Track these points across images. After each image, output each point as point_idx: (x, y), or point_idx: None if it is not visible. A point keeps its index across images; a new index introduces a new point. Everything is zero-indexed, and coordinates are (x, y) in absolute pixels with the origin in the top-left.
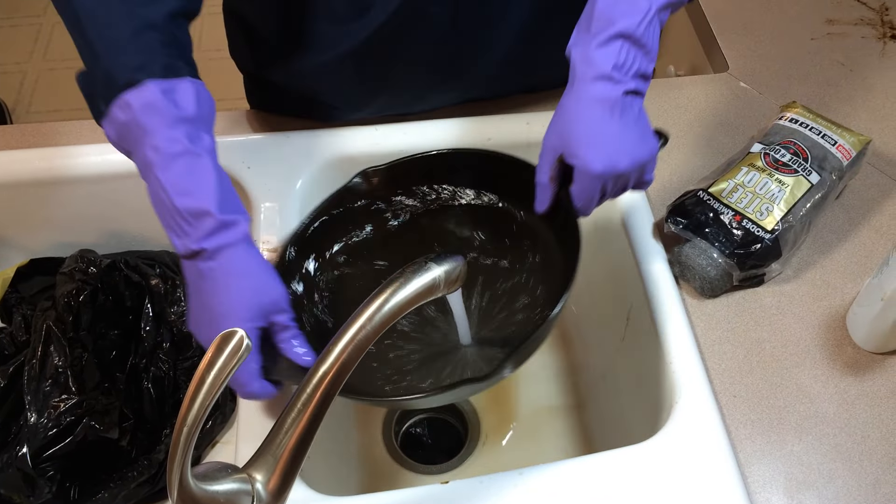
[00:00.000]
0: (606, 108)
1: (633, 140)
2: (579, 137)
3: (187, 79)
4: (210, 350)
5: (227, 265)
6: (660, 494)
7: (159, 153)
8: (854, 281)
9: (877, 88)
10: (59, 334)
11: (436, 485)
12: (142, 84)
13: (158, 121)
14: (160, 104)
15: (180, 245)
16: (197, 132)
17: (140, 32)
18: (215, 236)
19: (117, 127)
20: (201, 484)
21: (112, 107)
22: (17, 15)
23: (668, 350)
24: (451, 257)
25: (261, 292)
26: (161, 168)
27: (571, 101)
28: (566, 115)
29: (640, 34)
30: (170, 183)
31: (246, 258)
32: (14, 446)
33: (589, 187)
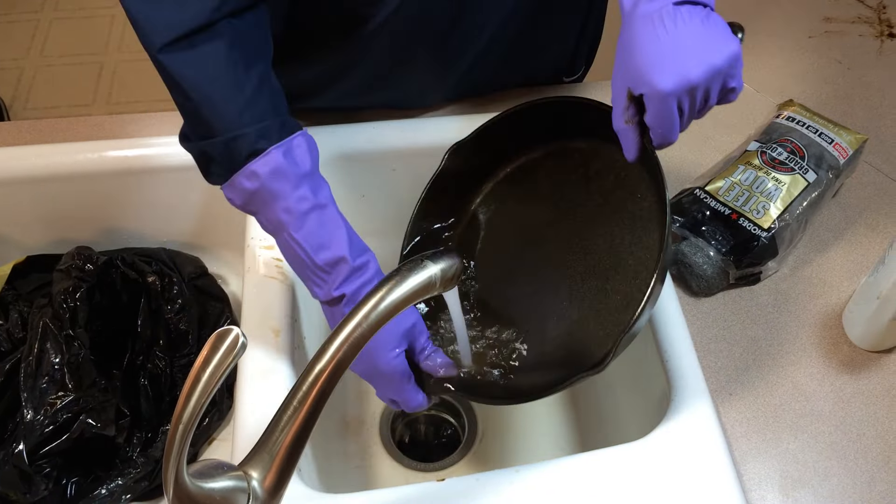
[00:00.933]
0: (658, 21)
1: (700, 46)
2: (639, 61)
3: (300, 134)
4: (205, 348)
5: None
6: (655, 492)
7: (291, 214)
8: (850, 279)
9: (874, 87)
10: (56, 331)
11: (432, 482)
12: (266, 152)
13: (285, 184)
14: (285, 168)
15: (322, 293)
16: (317, 184)
17: (252, 99)
18: (353, 280)
19: (244, 194)
20: (197, 481)
21: (237, 177)
22: (14, 11)
23: (664, 348)
24: (447, 255)
25: (400, 322)
26: (295, 228)
27: (625, 30)
28: (623, 47)
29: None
30: (305, 240)
31: None
32: (10, 443)
33: (663, 111)
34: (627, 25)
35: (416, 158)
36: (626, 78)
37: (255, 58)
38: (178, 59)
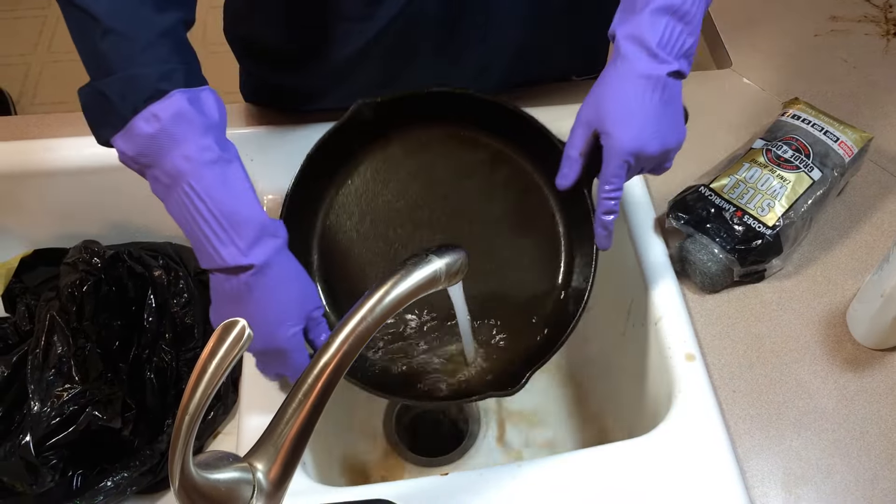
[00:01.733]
0: (648, 87)
1: (668, 124)
2: (616, 114)
3: (207, 88)
4: (212, 340)
5: (277, 276)
6: (659, 488)
7: (192, 162)
8: (854, 277)
9: (879, 85)
10: (63, 324)
11: (436, 476)
12: (169, 95)
13: (189, 129)
14: (189, 114)
15: (220, 258)
16: (223, 139)
17: (157, 41)
18: (262, 246)
19: (138, 140)
20: (203, 472)
21: (135, 120)
22: (21, 6)
23: (669, 345)
24: (452, 250)
25: (303, 296)
26: (196, 177)
27: (613, 76)
28: (606, 91)
29: (686, 8)
30: (207, 191)
31: (290, 265)
32: (17, 435)
33: (617, 166)
34: (619, 74)
35: None
36: (597, 118)
37: (169, 4)
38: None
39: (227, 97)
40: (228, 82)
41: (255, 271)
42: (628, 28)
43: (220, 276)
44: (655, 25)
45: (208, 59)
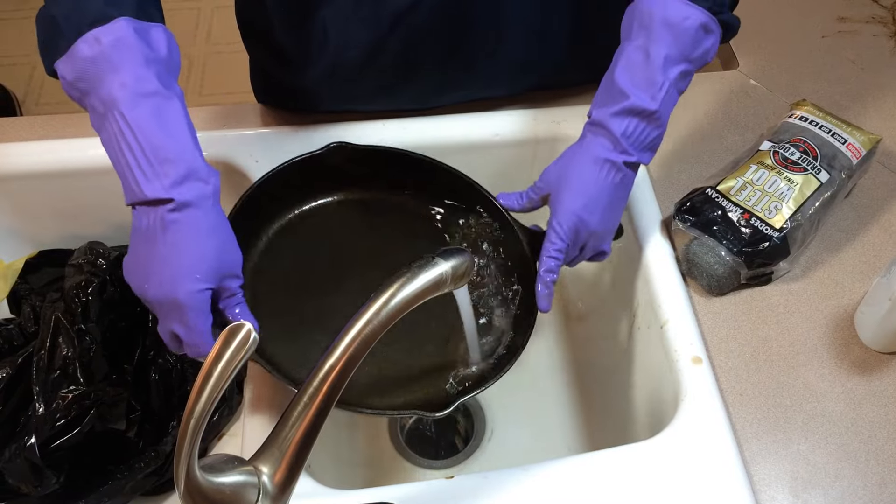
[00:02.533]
0: (605, 169)
1: (613, 207)
2: (570, 184)
3: (160, 25)
4: (217, 343)
5: (196, 221)
6: (665, 492)
7: (127, 90)
8: (862, 280)
9: (888, 87)
10: (68, 325)
11: (441, 479)
12: (114, 20)
13: (129, 57)
14: (132, 41)
15: (146, 188)
16: (169, 78)
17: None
18: (187, 186)
19: (79, 64)
20: (208, 476)
21: (78, 43)
22: (26, 7)
23: (675, 347)
24: (458, 253)
25: (222, 254)
26: (128, 105)
27: (576, 152)
28: (567, 163)
29: (653, 108)
30: (138, 122)
31: (215, 216)
32: (22, 437)
33: (562, 229)
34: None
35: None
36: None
37: None
38: None
39: (231, 97)
40: (232, 82)
41: (173, 207)
42: (599, 115)
43: (140, 211)
44: (622, 121)
45: (213, 58)
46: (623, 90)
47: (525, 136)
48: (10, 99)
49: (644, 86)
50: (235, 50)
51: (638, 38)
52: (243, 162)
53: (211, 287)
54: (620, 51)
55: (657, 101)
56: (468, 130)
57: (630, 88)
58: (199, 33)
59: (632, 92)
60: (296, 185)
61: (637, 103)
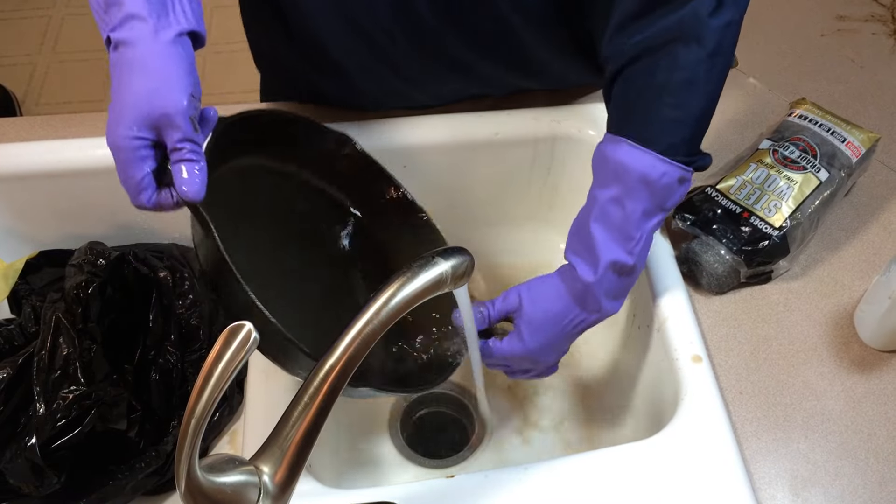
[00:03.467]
0: (571, 326)
1: (560, 352)
2: (537, 327)
3: None
4: (218, 343)
5: (129, 61)
6: (665, 490)
7: None
8: (862, 279)
9: (887, 85)
10: (68, 326)
11: (441, 479)
12: None
13: None
14: None
15: (101, 31)
16: None
17: None
18: (123, 27)
19: None
20: (209, 475)
21: None
22: (26, 7)
23: (675, 346)
24: (458, 252)
25: (151, 99)
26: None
27: (552, 294)
28: (540, 300)
29: (630, 263)
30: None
31: (151, 57)
32: (23, 437)
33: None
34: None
35: (428, 155)
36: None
37: None
38: None
39: (231, 97)
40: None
41: (113, 47)
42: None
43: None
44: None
45: (213, 58)
46: (600, 246)
47: (525, 135)
48: (9, 99)
49: (621, 241)
50: (234, 49)
51: (612, 189)
52: None
53: (143, 136)
54: (594, 199)
55: (634, 256)
56: (469, 129)
57: (607, 244)
58: None
59: (609, 248)
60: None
61: (616, 259)
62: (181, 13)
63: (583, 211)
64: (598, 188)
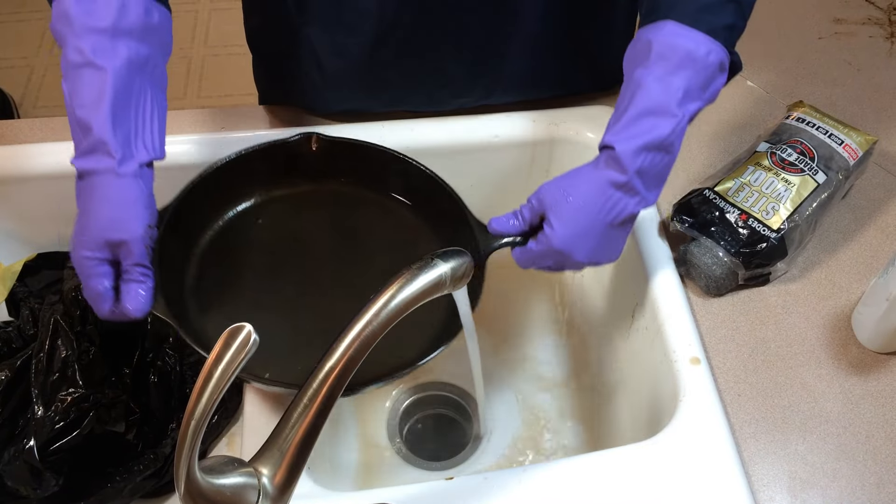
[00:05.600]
0: (606, 209)
1: (607, 245)
2: (566, 217)
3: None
4: (217, 345)
5: (93, 192)
6: (663, 492)
7: (66, 62)
8: (860, 281)
9: (884, 88)
10: (67, 328)
11: (440, 480)
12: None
13: (69, 31)
14: (72, 14)
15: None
16: (110, 44)
17: None
18: (88, 158)
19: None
20: (208, 477)
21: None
22: (23, 10)
23: (673, 348)
24: (457, 254)
25: (110, 228)
26: (65, 78)
27: (581, 180)
28: (570, 190)
29: (669, 142)
30: (69, 92)
31: (108, 189)
32: (21, 439)
33: (541, 255)
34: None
35: (427, 159)
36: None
37: None
38: None
39: (229, 99)
40: (230, 85)
41: (78, 175)
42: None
43: None
44: (638, 157)
45: (211, 60)
46: (640, 124)
47: (524, 137)
48: (7, 101)
49: (663, 118)
50: (233, 52)
51: (655, 68)
52: None
53: (102, 256)
54: (635, 81)
55: (675, 134)
56: (467, 132)
57: (647, 122)
58: (197, 35)
59: (650, 126)
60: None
61: (656, 138)
62: (144, 143)
63: (622, 98)
64: (637, 71)
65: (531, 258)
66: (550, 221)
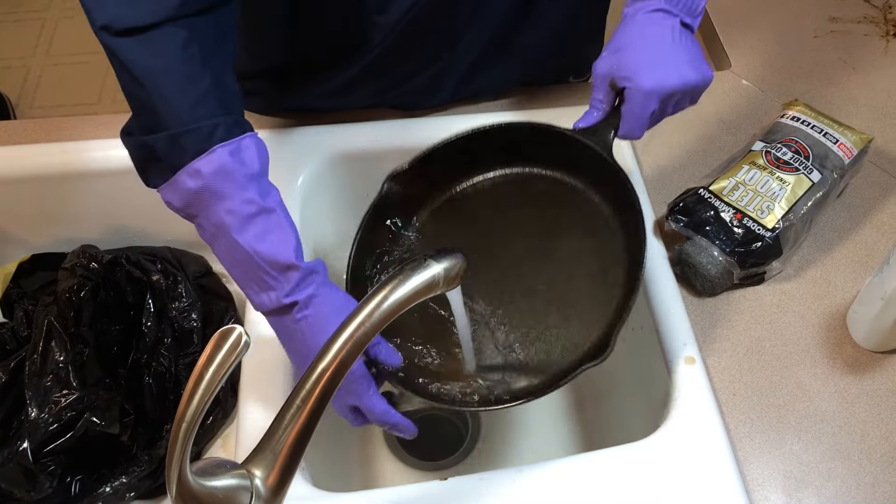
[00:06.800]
0: (658, 33)
1: (683, 61)
2: (632, 60)
3: (250, 135)
4: (209, 346)
5: (321, 309)
6: (658, 492)
7: (235, 216)
8: (855, 280)
9: (879, 86)
10: (61, 329)
11: (435, 481)
12: (212, 150)
13: (231, 185)
14: (231, 168)
15: (269, 300)
16: (266, 187)
17: (203, 98)
18: (304, 287)
19: (185, 195)
20: (200, 479)
21: (180, 174)
22: (20, 10)
23: (668, 348)
24: (450, 254)
25: None
26: (238, 231)
27: (626, 29)
28: (620, 43)
29: None
30: (249, 244)
31: (334, 299)
32: (15, 441)
33: (638, 105)
34: (632, 26)
35: None
36: (615, 68)
37: (213, 55)
38: (127, 43)
39: None
40: None
41: (300, 307)
42: None
43: (275, 319)
44: None
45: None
46: None
47: None
48: (3, 102)
49: None
50: None
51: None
52: None
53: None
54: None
55: None
56: (461, 131)
57: None
58: None
59: None
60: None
61: None
62: None
63: None
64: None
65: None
66: (627, 76)
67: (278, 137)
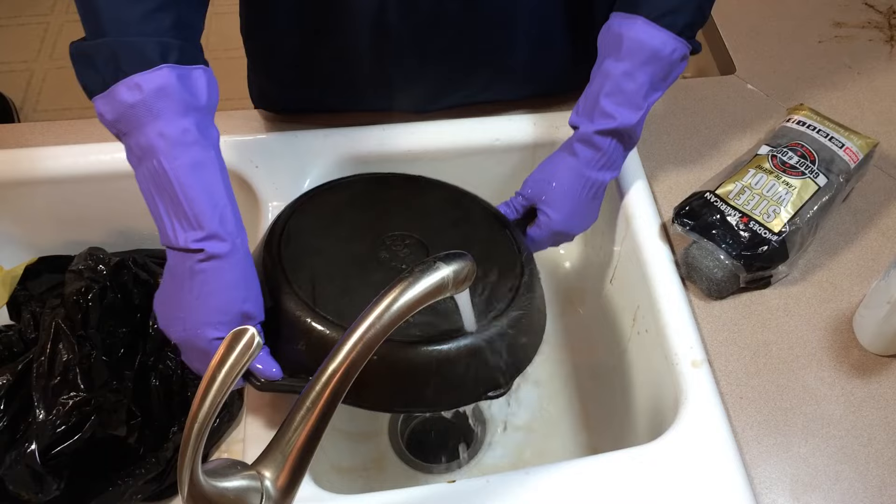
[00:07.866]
0: (587, 189)
1: (590, 215)
2: (556, 202)
3: (201, 67)
4: (222, 347)
5: (221, 273)
6: (666, 495)
7: (167, 140)
8: (861, 283)
9: (884, 91)
10: (68, 332)
11: (442, 484)
12: (157, 67)
13: (170, 108)
14: (174, 91)
15: (179, 238)
16: (207, 125)
17: (158, 12)
18: (217, 241)
19: (118, 107)
20: (211, 480)
21: (118, 85)
22: (24, 13)
23: (675, 351)
24: (459, 257)
25: (243, 306)
26: (168, 157)
27: (560, 168)
28: (551, 178)
29: (633, 128)
30: (175, 173)
31: (240, 270)
32: (22, 443)
33: (544, 237)
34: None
35: (425, 161)
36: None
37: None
38: None
39: (230, 103)
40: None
41: (202, 258)
42: (583, 132)
43: (172, 254)
44: (606, 140)
45: (210, 64)
46: (611, 113)
47: (524, 140)
48: (7, 105)
49: (629, 110)
50: (232, 56)
51: (624, 63)
52: (244, 168)
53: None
54: (605, 72)
55: (639, 125)
56: (469, 135)
57: (617, 112)
58: None
59: (619, 115)
60: None
61: (623, 125)
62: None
63: (593, 85)
64: (608, 60)
65: (537, 244)
66: (544, 210)
67: (286, 139)
